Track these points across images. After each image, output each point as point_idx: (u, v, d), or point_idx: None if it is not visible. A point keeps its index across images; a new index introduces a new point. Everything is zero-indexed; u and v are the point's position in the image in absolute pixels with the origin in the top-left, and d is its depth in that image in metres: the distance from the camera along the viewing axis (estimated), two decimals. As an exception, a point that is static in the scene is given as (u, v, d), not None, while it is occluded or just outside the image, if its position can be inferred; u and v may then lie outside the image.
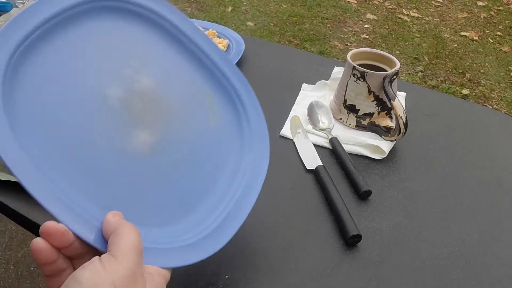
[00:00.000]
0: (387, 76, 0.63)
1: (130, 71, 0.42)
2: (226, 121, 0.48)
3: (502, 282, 0.48)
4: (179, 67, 0.47)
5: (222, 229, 0.41)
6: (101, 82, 0.40)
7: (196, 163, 0.44)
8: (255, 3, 2.98)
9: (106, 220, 0.34)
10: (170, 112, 0.44)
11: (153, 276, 0.34)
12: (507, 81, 2.30)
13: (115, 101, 0.40)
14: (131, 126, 0.40)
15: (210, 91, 0.48)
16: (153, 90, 0.43)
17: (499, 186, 0.60)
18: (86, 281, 0.29)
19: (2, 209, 0.55)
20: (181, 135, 0.44)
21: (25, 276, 1.33)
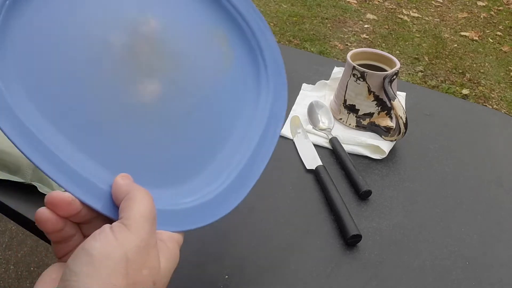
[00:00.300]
0: (387, 76, 0.63)
1: (134, 12, 0.38)
2: (241, 63, 0.44)
3: (502, 282, 0.48)
4: (191, 8, 0.42)
5: (236, 186, 0.38)
6: (102, 26, 0.36)
7: (210, 109, 0.40)
8: (255, 3, 2.97)
9: (116, 183, 0.32)
10: (180, 55, 0.40)
11: (166, 243, 0.32)
12: (507, 81, 2.30)
13: (119, 48, 0.36)
14: (137, 75, 0.36)
15: (224, 31, 0.44)
16: (160, 32, 0.39)
17: (499, 186, 0.60)
18: (97, 253, 0.27)
19: (2, 209, 0.55)
20: (193, 80, 0.40)
21: (25, 276, 1.33)
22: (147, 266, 0.29)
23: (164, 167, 0.36)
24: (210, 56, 0.42)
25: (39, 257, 1.39)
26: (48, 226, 0.31)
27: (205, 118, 0.40)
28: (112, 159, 0.33)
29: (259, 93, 0.44)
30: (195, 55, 0.41)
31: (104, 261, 0.27)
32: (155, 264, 0.30)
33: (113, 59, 0.35)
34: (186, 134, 0.38)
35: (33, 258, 1.39)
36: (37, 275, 1.34)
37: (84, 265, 0.27)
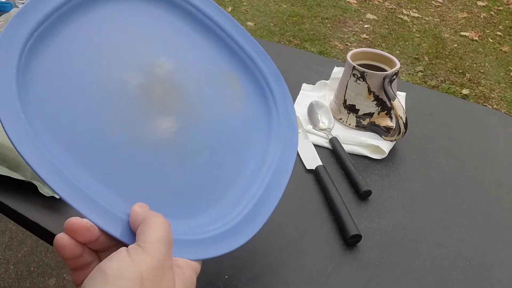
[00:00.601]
0: (387, 76, 0.63)
1: (149, 55, 0.40)
2: (252, 103, 0.46)
3: (502, 282, 0.48)
4: (201, 49, 0.45)
5: (252, 217, 0.40)
6: (119, 68, 0.38)
7: (222, 147, 0.42)
8: (255, 3, 2.98)
9: (133, 211, 0.33)
10: (192, 95, 0.42)
11: (183, 269, 0.33)
12: (507, 81, 2.30)
13: (135, 88, 0.38)
14: (152, 113, 0.38)
15: (235, 73, 0.46)
16: (173, 74, 0.41)
17: (499, 186, 0.60)
18: (112, 272, 0.27)
19: (2, 209, 0.55)
20: (206, 119, 0.42)
21: (25, 276, 1.33)
22: (161, 286, 0.29)
23: (179, 199, 0.37)
24: (222, 96, 0.44)
25: (39, 257, 1.39)
26: (67, 252, 0.32)
27: (218, 154, 0.41)
28: (129, 190, 0.34)
29: (270, 132, 0.45)
30: (207, 95, 0.43)
31: (119, 280, 0.27)
32: (170, 285, 0.30)
33: (128, 98, 0.37)
34: (200, 168, 0.40)
35: (33, 258, 1.39)
36: (37, 275, 1.34)
37: (99, 284, 0.27)
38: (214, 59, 0.45)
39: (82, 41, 0.37)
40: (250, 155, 0.43)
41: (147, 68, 0.40)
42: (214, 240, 0.37)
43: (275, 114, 0.46)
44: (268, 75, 0.47)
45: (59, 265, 1.37)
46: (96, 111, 0.36)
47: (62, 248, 0.31)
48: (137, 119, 0.37)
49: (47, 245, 1.41)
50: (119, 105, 0.37)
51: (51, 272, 1.35)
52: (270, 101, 0.47)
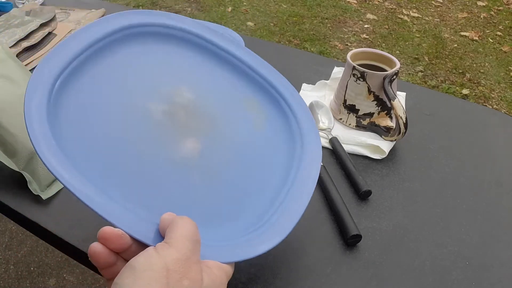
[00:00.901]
0: (387, 76, 0.63)
1: (170, 86, 0.45)
2: (274, 121, 0.48)
3: (502, 282, 0.48)
4: (219, 78, 0.48)
5: (279, 223, 0.41)
6: (143, 98, 0.42)
7: (246, 164, 0.44)
8: (255, 3, 2.98)
9: (162, 218, 0.34)
10: (213, 118, 0.45)
11: (212, 269, 0.34)
12: (507, 81, 2.30)
13: (159, 115, 0.42)
14: (177, 136, 0.42)
15: (253, 95, 0.49)
16: (194, 101, 0.45)
17: (499, 186, 0.60)
18: (139, 265, 0.29)
19: (2, 209, 0.55)
20: (228, 138, 0.45)
21: (25, 276, 1.33)
22: (188, 278, 0.30)
23: (207, 212, 0.39)
24: (242, 117, 0.47)
25: (39, 257, 1.39)
26: (101, 260, 0.33)
27: (242, 170, 0.44)
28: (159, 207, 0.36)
29: (294, 147, 0.47)
30: (228, 116, 0.46)
31: (145, 271, 0.29)
32: (197, 277, 0.31)
33: (153, 123, 0.41)
34: (226, 183, 0.42)
35: (33, 258, 1.39)
36: (37, 275, 1.34)
37: (126, 277, 0.29)
38: (232, 85, 0.49)
39: (108, 77, 0.42)
40: (275, 169, 0.45)
41: (169, 97, 0.44)
42: (241, 246, 0.38)
43: (297, 131, 0.48)
44: (284, 92, 0.50)
45: (59, 265, 1.37)
46: (124, 136, 0.39)
47: (96, 256, 0.33)
48: (162, 141, 0.41)
49: (47, 245, 1.41)
50: (145, 130, 0.41)
51: (51, 272, 1.35)
52: (290, 119, 0.49)
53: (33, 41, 0.87)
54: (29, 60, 0.83)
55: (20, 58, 0.83)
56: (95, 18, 0.96)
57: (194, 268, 0.31)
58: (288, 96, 0.50)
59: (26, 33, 0.87)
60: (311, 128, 0.49)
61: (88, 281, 1.33)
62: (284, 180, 0.45)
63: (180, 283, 0.29)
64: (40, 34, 0.89)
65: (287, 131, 0.48)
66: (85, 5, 1.05)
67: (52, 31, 0.91)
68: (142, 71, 0.44)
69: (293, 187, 0.44)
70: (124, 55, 0.44)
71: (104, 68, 0.42)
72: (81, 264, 0.52)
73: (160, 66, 0.45)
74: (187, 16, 2.73)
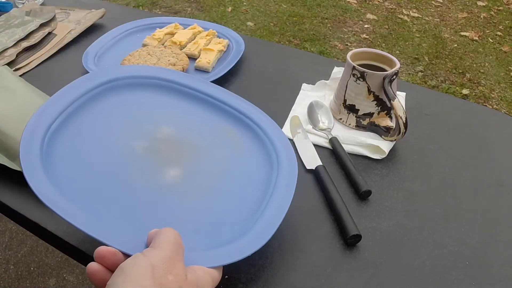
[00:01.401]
0: (387, 76, 0.63)
1: (151, 126, 0.51)
2: (250, 144, 0.54)
3: (502, 282, 0.48)
4: (195, 114, 0.55)
5: (260, 232, 0.45)
6: (126, 138, 0.49)
7: (227, 184, 0.49)
8: (255, 3, 2.98)
9: (149, 234, 0.38)
10: (193, 148, 0.51)
11: (196, 271, 0.37)
12: (507, 81, 2.30)
13: (141, 150, 0.48)
14: (159, 166, 0.47)
15: (228, 125, 0.55)
16: (174, 135, 0.51)
17: (499, 186, 0.60)
18: (127, 266, 0.33)
19: (2, 209, 0.55)
20: (209, 164, 0.50)
21: (25, 276, 1.33)
22: (172, 273, 0.33)
23: (190, 227, 0.43)
24: (220, 143, 0.52)
25: (39, 257, 1.39)
26: (98, 277, 0.36)
27: (223, 190, 0.48)
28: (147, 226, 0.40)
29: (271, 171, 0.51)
30: (207, 144, 0.51)
31: (133, 269, 0.32)
32: (181, 272, 0.34)
33: (136, 158, 0.47)
34: (208, 203, 0.46)
35: (33, 258, 1.39)
36: (37, 275, 1.34)
37: (117, 276, 0.32)
38: (207, 118, 0.55)
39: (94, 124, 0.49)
40: (254, 186, 0.49)
41: (150, 135, 0.50)
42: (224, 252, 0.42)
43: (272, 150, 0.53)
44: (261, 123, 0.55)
45: (59, 265, 1.37)
46: (110, 171, 0.45)
47: (94, 274, 0.36)
48: (147, 172, 0.46)
49: (47, 245, 1.41)
50: (129, 164, 0.47)
51: (51, 272, 1.35)
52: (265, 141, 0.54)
53: (33, 41, 0.87)
54: (29, 60, 0.83)
55: (20, 58, 0.83)
56: (95, 18, 0.96)
57: (177, 266, 0.34)
58: (259, 121, 0.55)
59: (26, 33, 0.87)
60: (284, 145, 0.53)
61: (88, 281, 1.33)
62: (264, 193, 0.49)
63: (165, 278, 0.32)
64: (40, 34, 0.89)
65: (263, 152, 0.53)
66: (85, 5, 1.05)
67: (52, 31, 0.91)
68: (123, 117, 0.51)
69: (272, 199, 0.48)
70: (107, 105, 0.51)
71: (89, 117, 0.49)
72: (81, 264, 0.52)
73: (139, 111, 0.52)
74: (187, 16, 2.73)
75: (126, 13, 1.06)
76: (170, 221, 0.42)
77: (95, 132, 0.48)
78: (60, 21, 0.96)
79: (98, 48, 0.85)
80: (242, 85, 0.79)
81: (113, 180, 0.44)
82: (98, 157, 0.46)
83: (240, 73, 0.82)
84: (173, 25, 0.92)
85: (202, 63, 0.81)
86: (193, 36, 0.90)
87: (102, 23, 0.98)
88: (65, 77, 0.76)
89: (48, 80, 0.79)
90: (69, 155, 0.45)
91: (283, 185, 0.49)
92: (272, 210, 0.46)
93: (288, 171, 0.50)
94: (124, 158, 0.46)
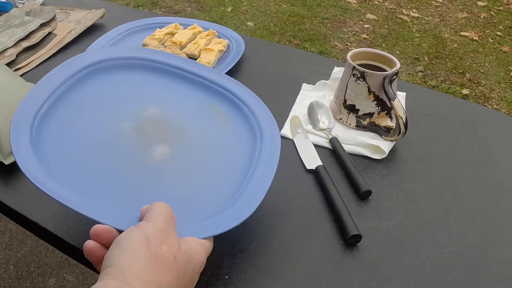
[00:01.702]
0: (387, 76, 0.63)
1: (137, 107, 0.52)
2: (235, 121, 0.55)
3: (502, 282, 0.48)
4: (181, 93, 0.55)
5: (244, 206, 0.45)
6: (114, 119, 0.50)
7: (213, 159, 0.50)
8: (255, 3, 2.98)
9: (141, 209, 0.40)
10: (180, 126, 0.52)
11: (189, 242, 0.38)
12: (507, 81, 2.30)
13: (128, 130, 0.49)
14: (147, 144, 0.49)
15: (214, 102, 0.56)
16: (160, 115, 0.52)
17: (499, 186, 0.60)
18: (122, 240, 0.34)
19: (2, 209, 0.55)
20: (195, 141, 0.51)
21: (25, 276, 1.33)
22: (166, 243, 0.35)
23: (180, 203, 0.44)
24: (206, 121, 0.53)
25: (39, 257, 1.39)
26: (95, 254, 0.37)
27: (209, 166, 0.49)
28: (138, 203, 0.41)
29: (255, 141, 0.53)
30: (193, 122, 0.53)
31: (129, 241, 0.34)
32: (174, 242, 0.36)
33: (125, 138, 0.48)
34: (196, 179, 0.48)
35: (33, 258, 1.39)
36: (37, 275, 1.34)
37: (114, 249, 0.34)
38: (193, 96, 0.55)
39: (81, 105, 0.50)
40: (239, 161, 0.51)
41: (136, 115, 0.51)
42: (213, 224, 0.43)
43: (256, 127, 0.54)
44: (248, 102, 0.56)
45: (59, 265, 1.37)
46: (101, 151, 0.46)
47: (90, 252, 0.37)
48: (135, 151, 0.48)
49: (47, 245, 1.41)
50: (118, 144, 0.48)
51: (51, 272, 1.35)
52: (249, 117, 0.55)
53: (33, 41, 0.87)
54: (29, 60, 0.83)
55: (20, 58, 0.83)
56: (95, 18, 0.96)
57: (170, 236, 0.36)
58: (244, 97, 0.56)
59: (26, 33, 0.87)
60: (269, 123, 0.54)
61: (88, 281, 1.33)
62: (249, 165, 0.50)
63: (160, 248, 0.34)
64: (40, 34, 0.89)
65: (248, 128, 0.54)
66: (85, 5, 1.05)
67: (52, 31, 0.91)
68: (109, 98, 0.52)
69: (256, 171, 0.49)
70: (92, 87, 0.52)
71: (75, 100, 0.50)
72: (81, 264, 0.52)
73: (125, 92, 0.53)
74: (187, 16, 2.73)
75: (126, 13, 1.06)
76: (161, 197, 0.42)
77: (82, 114, 0.49)
78: (60, 21, 0.96)
79: (98, 48, 0.85)
80: (242, 85, 0.79)
81: (103, 161, 0.46)
82: (87, 139, 0.47)
83: (240, 73, 0.82)
84: (173, 25, 0.92)
85: (202, 63, 0.81)
86: (193, 36, 0.90)
87: (102, 23, 0.98)
88: (65, 77, 0.76)
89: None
90: (59, 138, 0.46)
91: (266, 158, 0.50)
92: (257, 180, 0.47)
93: (270, 145, 0.52)
94: (112, 139, 0.48)
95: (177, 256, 0.35)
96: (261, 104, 0.56)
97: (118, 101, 0.51)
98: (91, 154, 0.46)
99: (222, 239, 0.51)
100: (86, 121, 0.48)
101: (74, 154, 0.45)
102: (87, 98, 0.50)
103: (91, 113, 0.49)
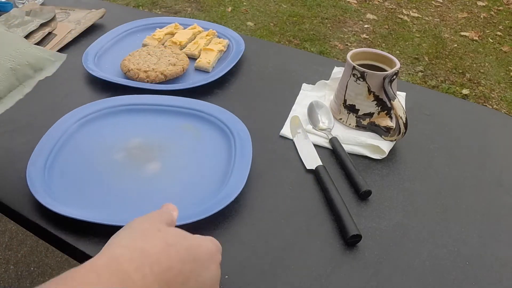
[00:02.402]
0: (387, 76, 0.63)
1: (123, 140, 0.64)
2: (208, 132, 0.66)
3: (502, 282, 0.48)
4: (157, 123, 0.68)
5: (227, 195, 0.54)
6: (108, 151, 0.62)
7: (195, 165, 0.61)
8: (255, 3, 2.98)
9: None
10: (162, 146, 0.64)
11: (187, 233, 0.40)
12: (507, 81, 2.30)
13: (122, 157, 0.62)
14: (139, 164, 0.60)
15: (187, 122, 0.68)
16: (143, 142, 0.64)
17: (499, 186, 0.60)
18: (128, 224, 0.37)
19: (2, 209, 0.55)
20: (178, 153, 0.62)
21: (25, 276, 1.33)
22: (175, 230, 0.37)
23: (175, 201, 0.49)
24: (183, 137, 0.66)
25: (39, 257, 1.39)
26: None
27: (194, 171, 0.60)
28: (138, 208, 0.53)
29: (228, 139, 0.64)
30: (173, 141, 0.65)
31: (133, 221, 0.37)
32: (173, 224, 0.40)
33: (118, 163, 0.61)
34: (184, 180, 0.58)
35: (33, 258, 1.39)
36: (37, 275, 1.34)
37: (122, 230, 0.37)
38: (167, 122, 0.68)
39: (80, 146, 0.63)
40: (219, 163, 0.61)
41: (125, 147, 0.63)
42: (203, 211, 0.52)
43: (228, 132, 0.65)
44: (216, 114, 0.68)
45: (59, 265, 1.37)
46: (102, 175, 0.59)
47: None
48: (130, 170, 0.60)
49: (47, 245, 1.40)
50: (114, 167, 0.60)
51: (51, 272, 1.35)
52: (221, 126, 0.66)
53: (33, 41, 0.86)
54: (29, 60, 0.83)
55: (20, 58, 0.83)
56: (95, 18, 0.96)
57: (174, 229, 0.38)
58: (212, 112, 0.68)
59: (26, 33, 0.87)
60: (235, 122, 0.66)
61: (88, 281, 1.32)
62: (227, 166, 0.59)
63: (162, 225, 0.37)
64: (40, 34, 0.89)
65: (220, 134, 0.65)
66: (85, 5, 1.05)
67: (52, 31, 0.91)
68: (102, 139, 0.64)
69: (234, 169, 0.58)
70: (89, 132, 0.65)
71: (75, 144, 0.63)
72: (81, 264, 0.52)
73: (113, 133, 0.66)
74: (187, 16, 2.73)
75: (126, 13, 1.06)
76: (155, 206, 0.45)
77: (83, 155, 0.61)
78: (60, 21, 0.96)
79: (98, 48, 0.85)
80: (242, 85, 0.79)
81: (104, 182, 0.57)
82: (89, 172, 0.59)
83: (240, 73, 0.82)
84: (173, 25, 0.92)
85: (202, 63, 0.81)
86: (193, 36, 0.90)
87: (102, 23, 0.98)
88: (65, 77, 0.76)
89: (48, 80, 0.79)
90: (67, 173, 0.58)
91: (241, 155, 0.60)
92: (236, 177, 0.56)
93: (243, 144, 0.62)
94: (109, 167, 0.60)
95: (177, 231, 0.37)
96: (225, 112, 0.68)
97: (109, 141, 0.64)
98: (93, 183, 0.57)
99: (222, 239, 0.51)
100: (86, 159, 0.61)
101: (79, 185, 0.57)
102: (86, 141, 0.64)
103: (89, 153, 0.62)
